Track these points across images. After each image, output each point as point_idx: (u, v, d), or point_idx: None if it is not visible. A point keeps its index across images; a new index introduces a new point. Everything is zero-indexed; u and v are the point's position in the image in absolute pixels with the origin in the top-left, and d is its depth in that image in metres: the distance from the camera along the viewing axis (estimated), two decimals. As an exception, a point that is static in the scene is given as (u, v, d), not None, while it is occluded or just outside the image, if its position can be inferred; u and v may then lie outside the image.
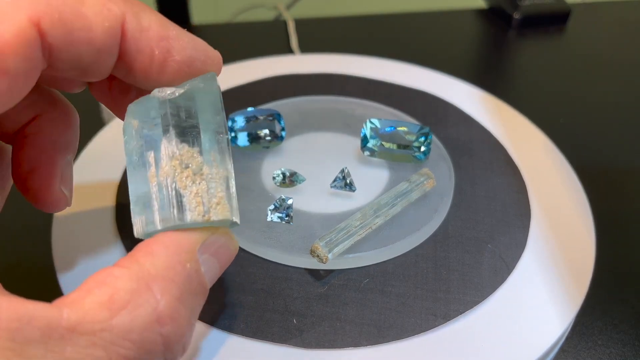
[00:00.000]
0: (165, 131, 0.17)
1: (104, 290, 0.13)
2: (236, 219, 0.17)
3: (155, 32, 0.16)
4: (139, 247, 0.15)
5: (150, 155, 0.17)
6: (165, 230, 0.16)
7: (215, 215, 0.16)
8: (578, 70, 0.44)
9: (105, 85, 0.20)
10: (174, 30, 0.17)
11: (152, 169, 0.17)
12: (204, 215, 0.16)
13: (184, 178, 0.16)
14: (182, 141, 0.17)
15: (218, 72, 0.18)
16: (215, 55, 0.18)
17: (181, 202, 0.16)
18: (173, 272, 0.14)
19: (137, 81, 0.17)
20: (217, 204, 0.16)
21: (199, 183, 0.16)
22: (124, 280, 0.14)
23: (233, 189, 0.17)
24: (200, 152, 0.17)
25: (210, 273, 0.16)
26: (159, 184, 0.16)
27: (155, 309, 0.13)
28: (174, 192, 0.16)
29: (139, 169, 0.17)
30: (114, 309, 0.13)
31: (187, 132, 0.17)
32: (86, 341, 0.13)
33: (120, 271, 0.14)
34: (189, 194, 0.16)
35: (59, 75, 0.17)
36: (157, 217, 0.16)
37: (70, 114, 0.20)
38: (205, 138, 0.17)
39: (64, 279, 0.22)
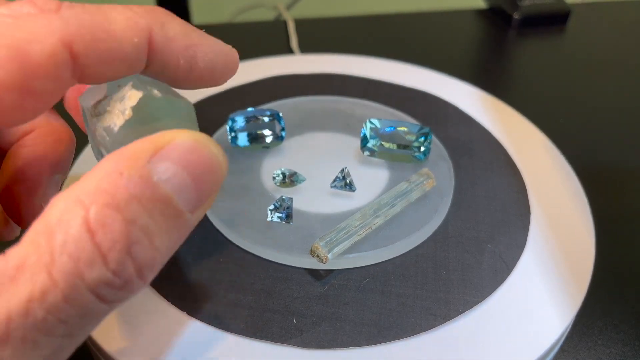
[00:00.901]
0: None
1: (42, 216, 0.13)
2: (160, 93, 0.17)
3: (181, 42, 0.17)
4: None
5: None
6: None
7: (130, 101, 0.16)
8: (578, 70, 0.44)
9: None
10: (197, 37, 0.17)
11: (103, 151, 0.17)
12: (123, 113, 0.16)
13: (104, 119, 0.17)
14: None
15: (234, 71, 0.19)
16: (234, 57, 0.18)
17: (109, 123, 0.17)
18: (106, 182, 0.13)
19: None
20: (129, 98, 0.17)
21: (109, 105, 0.17)
22: (56, 201, 0.13)
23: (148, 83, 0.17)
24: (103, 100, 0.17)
25: (175, 183, 0.14)
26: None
27: (85, 218, 0.12)
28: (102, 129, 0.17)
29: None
30: (49, 231, 0.12)
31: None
32: (30, 273, 0.12)
33: (57, 195, 0.13)
34: (111, 112, 0.17)
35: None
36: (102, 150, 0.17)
37: (65, 133, 0.21)
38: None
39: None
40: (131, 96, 0.17)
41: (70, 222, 0.12)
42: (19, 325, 0.12)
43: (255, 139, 0.28)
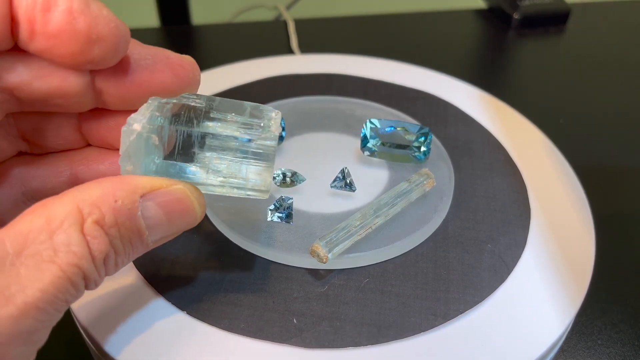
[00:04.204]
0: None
1: (39, 213, 0.15)
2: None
3: None
4: (87, 182, 0.17)
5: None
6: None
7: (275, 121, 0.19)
8: (578, 70, 0.44)
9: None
10: None
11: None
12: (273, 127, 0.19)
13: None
14: None
15: (116, 38, 0.17)
16: (118, 29, 0.17)
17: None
18: (102, 201, 0.16)
19: (27, 40, 0.16)
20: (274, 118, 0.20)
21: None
22: (58, 205, 0.16)
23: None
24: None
25: (152, 221, 0.17)
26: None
27: (82, 227, 0.15)
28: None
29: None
30: (51, 230, 0.15)
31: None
32: (35, 261, 0.15)
33: (57, 198, 0.16)
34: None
35: None
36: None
37: None
38: None
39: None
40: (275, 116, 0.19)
41: (71, 227, 0.15)
42: (37, 300, 0.14)
43: (255, 139, 0.28)
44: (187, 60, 0.19)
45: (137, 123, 0.18)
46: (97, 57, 0.17)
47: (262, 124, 0.19)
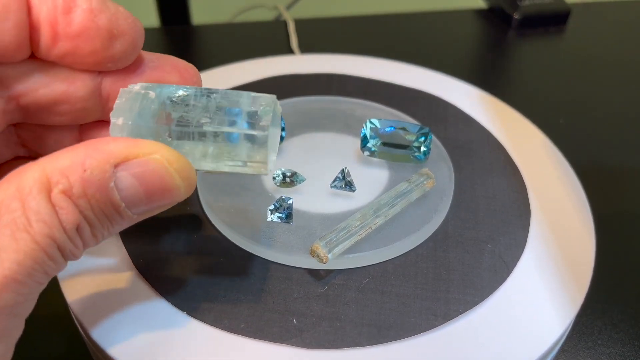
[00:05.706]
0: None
1: (12, 182, 0.15)
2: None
3: None
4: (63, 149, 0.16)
5: None
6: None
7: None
8: (578, 71, 0.44)
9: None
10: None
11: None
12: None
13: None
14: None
15: (135, 32, 0.18)
16: (135, 24, 0.18)
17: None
18: (71, 170, 0.15)
19: (50, 44, 0.17)
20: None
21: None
22: (28, 172, 0.15)
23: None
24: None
25: (128, 193, 0.16)
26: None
27: (49, 195, 0.15)
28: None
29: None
30: (22, 198, 0.15)
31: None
32: (11, 230, 0.14)
33: (28, 166, 0.15)
34: None
35: None
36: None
37: None
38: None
39: (63, 276, 0.23)
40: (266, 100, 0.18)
41: (39, 195, 0.15)
42: (14, 273, 0.14)
43: (255, 139, 0.28)
44: (192, 66, 0.20)
45: (137, 85, 0.18)
46: (119, 53, 0.17)
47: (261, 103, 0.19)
